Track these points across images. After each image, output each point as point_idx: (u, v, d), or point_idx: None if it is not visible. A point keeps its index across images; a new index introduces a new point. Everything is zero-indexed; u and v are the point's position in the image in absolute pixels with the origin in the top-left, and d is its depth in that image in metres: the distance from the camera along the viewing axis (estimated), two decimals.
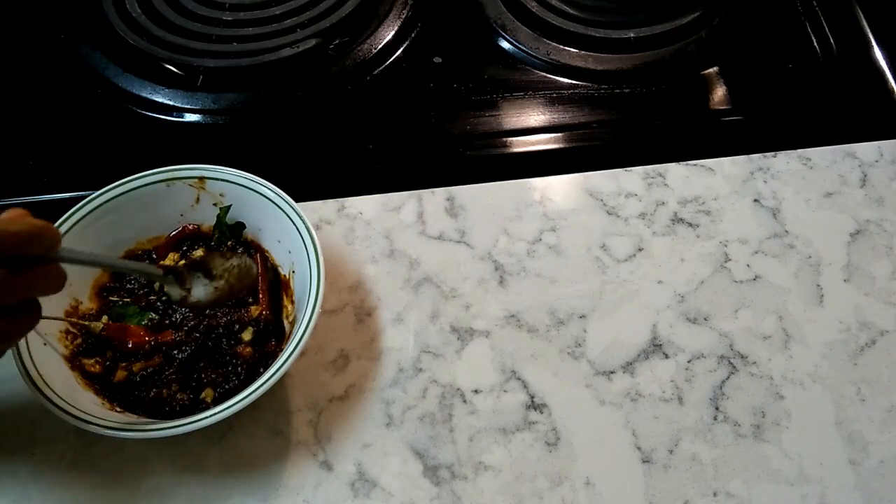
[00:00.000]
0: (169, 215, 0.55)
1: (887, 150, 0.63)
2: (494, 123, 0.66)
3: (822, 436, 0.50)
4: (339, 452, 0.50)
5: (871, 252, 0.58)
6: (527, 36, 0.71)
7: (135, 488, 0.49)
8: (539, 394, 0.52)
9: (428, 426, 0.51)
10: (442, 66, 0.70)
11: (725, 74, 0.69)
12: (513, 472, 0.49)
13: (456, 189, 0.61)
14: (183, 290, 0.48)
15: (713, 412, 0.51)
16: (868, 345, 0.54)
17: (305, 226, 0.51)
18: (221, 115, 0.67)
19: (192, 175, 0.54)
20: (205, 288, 0.49)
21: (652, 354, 0.53)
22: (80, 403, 0.46)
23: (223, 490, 0.48)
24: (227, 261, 0.49)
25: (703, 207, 0.60)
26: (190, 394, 0.50)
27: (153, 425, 0.45)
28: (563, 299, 0.56)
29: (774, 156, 0.63)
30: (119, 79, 0.68)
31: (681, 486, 0.48)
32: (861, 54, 0.70)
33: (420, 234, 0.59)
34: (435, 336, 0.54)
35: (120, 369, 0.51)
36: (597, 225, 0.59)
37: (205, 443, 0.50)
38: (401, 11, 0.73)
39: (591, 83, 0.68)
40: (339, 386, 0.52)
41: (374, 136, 0.65)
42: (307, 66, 0.69)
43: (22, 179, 0.62)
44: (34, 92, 0.69)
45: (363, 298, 0.56)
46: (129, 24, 0.71)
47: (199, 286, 0.49)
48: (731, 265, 0.57)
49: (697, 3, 0.73)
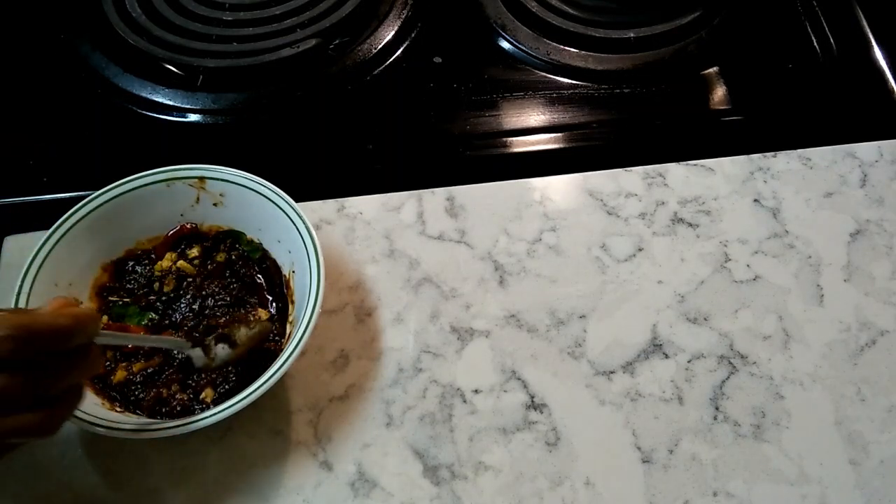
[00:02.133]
0: (169, 215, 0.55)
1: (887, 150, 0.63)
2: (494, 123, 0.66)
3: (822, 436, 0.50)
4: (339, 452, 0.50)
5: (871, 252, 0.58)
6: (527, 36, 0.71)
7: (135, 488, 0.49)
8: (539, 394, 0.52)
9: (428, 426, 0.51)
10: (442, 66, 0.70)
11: (725, 74, 0.69)
12: (513, 472, 0.49)
13: (456, 189, 0.61)
14: (208, 359, 0.50)
15: (713, 412, 0.51)
16: (868, 345, 0.54)
17: (305, 226, 0.51)
18: (221, 115, 0.67)
19: (193, 175, 0.54)
20: (226, 353, 0.50)
21: (652, 354, 0.53)
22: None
23: (223, 490, 0.48)
24: (250, 330, 0.51)
25: (703, 207, 0.60)
26: (190, 394, 0.50)
27: (153, 425, 0.45)
28: (563, 299, 0.56)
29: (774, 156, 0.63)
30: (119, 79, 0.68)
31: (681, 486, 0.48)
32: (861, 54, 0.70)
33: (420, 234, 0.59)
34: (435, 336, 0.54)
35: (120, 369, 0.51)
36: (597, 225, 0.59)
37: (205, 443, 0.50)
38: (401, 11, 0.73)
39: (591, 83, 0.68)
40: (339, 386, 0.52)
41: (374, 136, 0.65)
42: (307, 66, 0.69)
43: (22, 179, 0.62)
44: (34, 92, 0.69)
45: (363, 298, 0.56)
46: (129, 24, 0.71)
47: (222, 352, 0.50)
48: (731, 265, 0.57)
49: (697, 3, 0.73)
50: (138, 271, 0.55)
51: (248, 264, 0.55)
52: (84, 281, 0.53)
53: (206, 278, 0.55)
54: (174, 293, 0.54)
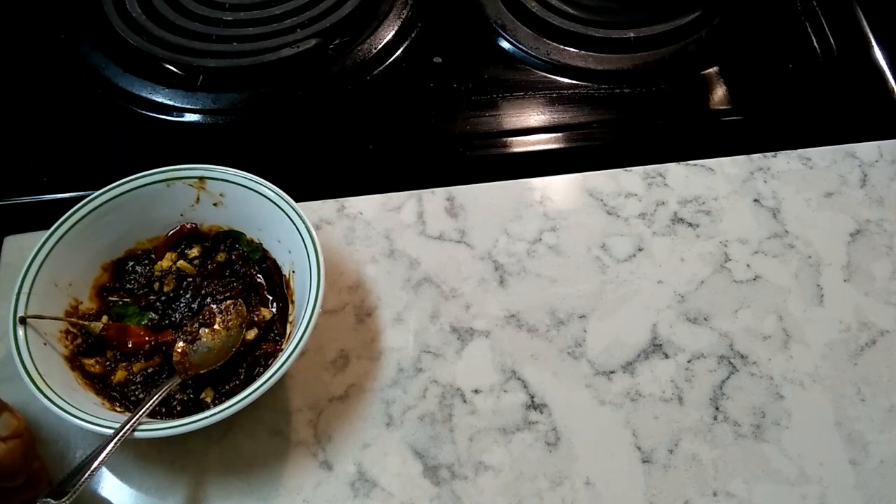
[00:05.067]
0: (169, 215, 0.55)
1: (887, 150, 0.63)
2: (494, 123, 0.66)
3: (822, 436, 0.50)
4: (339, 452, 0.50)
5: (871, 252, 0.58)
6: (527, 36, 0.71)
7: (135, 488, 0.49)
8: (539, 394, 0.52)
9: (428, 426, 0.51)
10: (442, 66, 0.70)
11: (725, 74, 0.69)
12: (513, 472, 0.49)
13: (456, 189, 0.61)
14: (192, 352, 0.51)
15: (713, 412, 0.51)
16: (868, 345, 0.54)
17: (305, 226, 0.51)
18: (221, 115, 0.67)
19: (192, 175, 0.54)
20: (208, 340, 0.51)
21: (652, 354, 0.53)
22: (80, 404, 0.46)
23: (223, 490, 0.48)
24: (225, 315, 0.52)
25: (703, 207, 0.60)
26: (190, 393, 0.50)
27: (153, 425, 0.45)
28: (563, 299, 0.56)
29: (774, 156, 0.63)
30: (119, 79, 0.68)
31: (681, 486, 0.48)
32: (861, 54, 0.70)
33: (420, 234, 0.59)
34: (435, 336, 0.54)
35: (120, 369, 0.51)
36: (597, 225, 0.59)
37: (205, 443, 0.50)
38: (401, 11, 0.73)
39: (591, 83, 0.68)
40: (339, 386, 0.52)
41: (374, 136, 0.65)
42: (307, 66, 0.69)
43: (22, 179, 0.62)
44: (34, 92, 0.69)
45: (363, 298, 0.56)
46: (129, 24, 0.71)
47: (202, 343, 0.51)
48: (731, 265, 0.57)
49: (697, 3, 0.73)
50: (138, 271, 0.55)
51: (247, 264, 0.55)
52: (84, 281, 0.53)
53: (206, 278, 0.55)
54: (174, 293, 0.54)
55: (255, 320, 0.53)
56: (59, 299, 0.51)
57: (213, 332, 0.50)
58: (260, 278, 0.55)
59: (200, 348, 0.50)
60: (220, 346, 0.50)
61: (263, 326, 0.53)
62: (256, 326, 0.52)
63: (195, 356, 0.50)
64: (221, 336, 0.50)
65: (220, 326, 0.51)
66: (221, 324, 0.51)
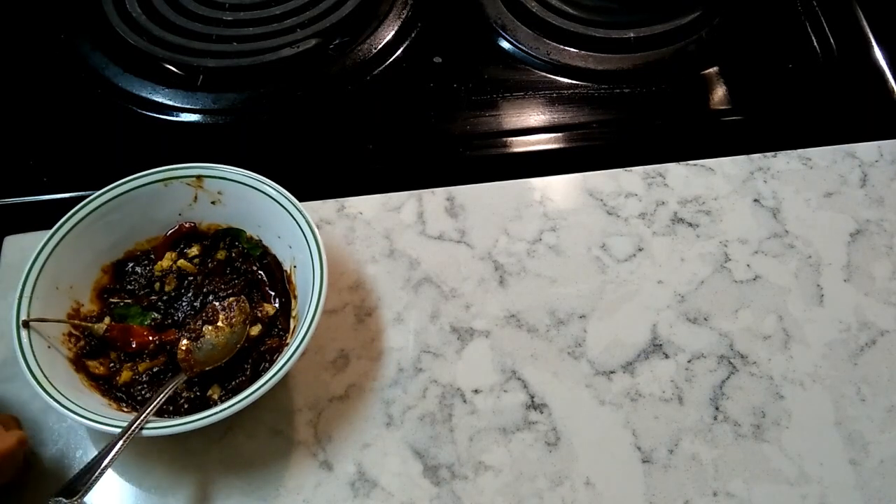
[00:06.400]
0: (168, 215, 0.55)
1: (887, 150, 0.63)
2: (494, 123, 0.66)
3: (822, 436, 0.50)
4: (339, 452, 0.50)
5: (871, 252, 0.58)
6: (527, 36, 0.71)
7: (135, 487, 0.49)
8: (539, 394, 0.52)
9: (428, 426, 0.51)
10: (442, 66, 0.70)
11: (725, 74, 0.69)
12: (513, 471, 0.49)
13: (456, 189, 0.61)
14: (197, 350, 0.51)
15: (713, 412, 0.51)
16: (868, 345, 0.54)
17: (306, 220, 0.51)
18: (221, 115, 0.67)
19: (190, 174, 0.54)
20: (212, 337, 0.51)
21: (652, 354, 0.53)
22: (87, 405, 0.46)
23: (223, 490, 0.48)
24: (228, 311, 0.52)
25: (703, 207, 0.60)
26: (196, 391, 0.50)
27: (162, 423, 0.45)
28: (563, 299, 0.56)
29: (774, 156, 0.63)
30: (119, 79, 0.68)
31: (681, 486, 0.48)
32: (861, 54, 0.70)
33: (420, 234, 0.59)
34: (435, 336, 0.54)
35: (125, 370, 0.51)
36: (597, 225, 0.59)
37: (205, 442, 0.50)
38: (401, 11, 0.73)
39: (591, 83, 0.68)
40: (340, 386, 0.52)
41: (374, 136, 0.65)
42: (307, 66, 0.69)
43: (22, 179, 0.62)
44: (34, 92, 0.69)
45: (363, 298, 0.56)
46: (129, 24, 0.71)
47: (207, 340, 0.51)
48: (731, 265, 0.57)
49: (697, 3, 0.73)
50: (138, 272, 0.55)
51: (248, 261, 0.55)
52: (85, 283, 0.53)
53: (207, 276, 0.55)
54: (175, 292, 0.54)
55: (258, 316, 0.53)
56: (61, 302, 0.51)
57: (217, 329, 0.50)
58: (261, 274, 0.55)
59: (205, 345, 0.50)
60: (224, 343, 0.50)
61: (267, 322, 0.53)
62: (260, 322, 0.52)
63: (200, 353, 0.50)
64: (225, 333, 0.50)
65: (224, 323, 0.50)
66: (225, 320, 0.51)
